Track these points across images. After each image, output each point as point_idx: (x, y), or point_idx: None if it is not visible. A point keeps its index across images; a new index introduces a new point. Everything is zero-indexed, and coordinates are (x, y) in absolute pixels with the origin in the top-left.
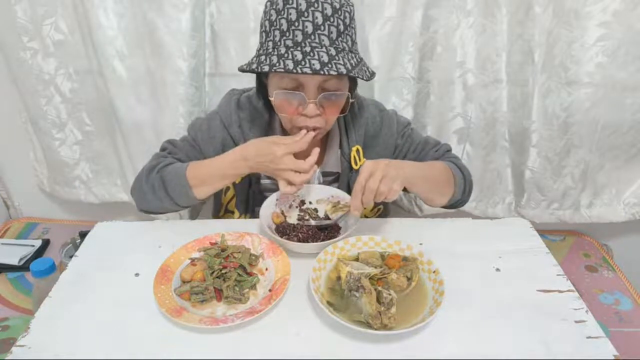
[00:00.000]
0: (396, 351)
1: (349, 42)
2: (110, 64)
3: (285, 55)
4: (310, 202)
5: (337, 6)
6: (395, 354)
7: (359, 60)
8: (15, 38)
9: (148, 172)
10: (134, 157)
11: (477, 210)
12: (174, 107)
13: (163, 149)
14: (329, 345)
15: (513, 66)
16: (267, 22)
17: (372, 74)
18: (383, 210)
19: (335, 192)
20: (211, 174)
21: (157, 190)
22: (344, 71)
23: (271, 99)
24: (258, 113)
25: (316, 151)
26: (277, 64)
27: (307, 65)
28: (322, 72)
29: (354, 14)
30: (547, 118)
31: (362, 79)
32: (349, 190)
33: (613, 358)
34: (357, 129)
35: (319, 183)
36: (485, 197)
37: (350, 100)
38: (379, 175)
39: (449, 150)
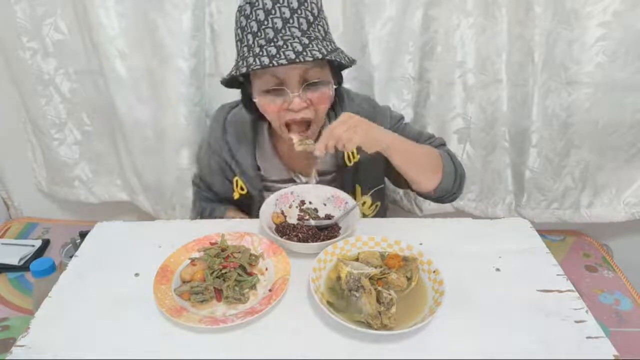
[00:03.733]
0: (396, 351)
1: (322, 32)
2: (110, 63)
3: (260, 53)
4: (310, 202)
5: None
6: (395, 354)
7: (334, 47)
8: (15, 38)
9: (195, 216)
10: (134, 157)
11: (477, 210)
12: (174, 107)
13: (195, 183)
14: (329, 345)
15: (513, 66)
16: (239, 30)
17: (353, 61)
18: (380, 207)
19: (334, 192)
20: None
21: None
22: (320, 56)
23: (255, 100)
24: (244, 129)
25: None
26: (254, 63)
27: (282, 57)
28: (298, 60)
29: (321, 5)
30: (547, 118)
31: (342, 62)
32: (344, 188)
33: (613, 358)
34: None
35: (316, 182)
36: (485, 197)
37: (334, 87)
38: (350, 124)
39: (444, 143)
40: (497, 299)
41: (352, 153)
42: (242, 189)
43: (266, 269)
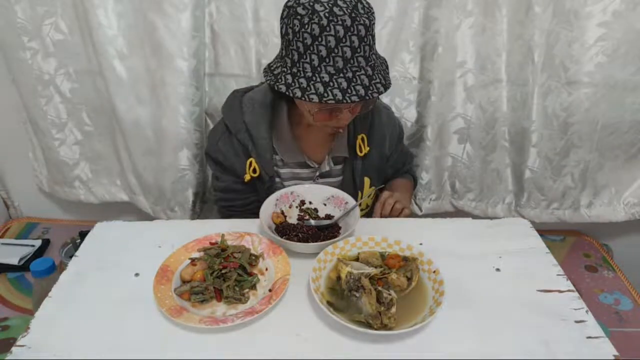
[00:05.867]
0: (396, 351)
1: (375, 50)
2: (110, 63)
3: (331, 84)
4: (310, 202)
5: (368, 23)
6: (395, 354)
7: (382, 62)
8: (15, 38)
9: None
10: (134, 157)
11: (477, 210)
12: (174, 107)
13: (221, 199)
14: (329, 345)
15: (513, 66)
16: (300, 44)
17: (387, 67)
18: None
19: (334, 192)
20: None
21: None
22: (382, 90)
23: (308, 112)
24: (262, 111)
25: None
26: (325, 95)
27: (354, 92)
28: (366, 97)
29: (375, 19)
30: (547, 118)
31: (391, 85)
32: (353, 175)
33: (613, 358)
34: (363, 119)
35: (329, 169)
36: (485, 197)
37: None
38: (402, 201)
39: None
40: (497, 299)
41: (363, 144)
42: (254, 171)
43: (266, 269)
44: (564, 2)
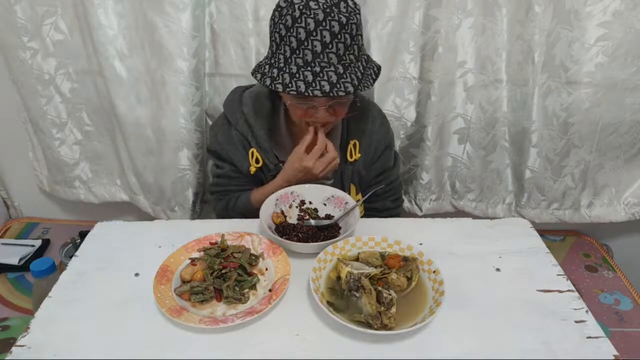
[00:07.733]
0: (396, 351)
1: (356, 51)
2: (110, 63)
3: (297, 75)
4: (310, 202)
5: (344, 21)
6: (395, 354)
7: (364, 66)
8: (15, 38)
9: (222, 210)
10: (134, 157)
11: (477, 210)
12: (174, 107)
13: (215, 184)
14: (329, 345)
15: (513, 66)
16: (276, 35)
17: (377, 73)
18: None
19: (334, 192)
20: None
21: (235, 216)
22: (352, 90)
23: (285, 101)
24: (260, 103)
25: (330, 146)
26: (290, 85)
27: (317, 87)
28: (331, 95)
29: (360, 21)
30: (547, 118)
31: (367, 88)
32: (341, 180)
33: (613, 358)
34: (356, 125)
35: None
36: (485, 197)
37: (357, 102)
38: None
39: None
40: (497, 299)
41: (354, 150)
42: (257, 161)
43: (266, 269)
44: (564, 2)
